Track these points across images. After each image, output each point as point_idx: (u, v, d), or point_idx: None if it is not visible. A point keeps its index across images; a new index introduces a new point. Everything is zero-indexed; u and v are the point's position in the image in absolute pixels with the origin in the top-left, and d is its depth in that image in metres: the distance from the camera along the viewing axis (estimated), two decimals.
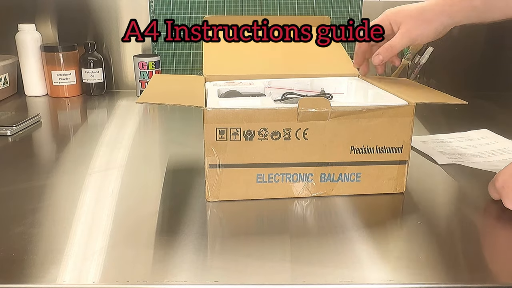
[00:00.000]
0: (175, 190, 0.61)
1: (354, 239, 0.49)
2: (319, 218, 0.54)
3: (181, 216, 0.53)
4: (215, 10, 1.16)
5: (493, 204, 0.58)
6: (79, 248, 0.47)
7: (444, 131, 0.87)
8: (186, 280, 0.42)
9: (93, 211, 0.55)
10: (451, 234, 0.51)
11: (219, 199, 0.57)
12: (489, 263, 0.46)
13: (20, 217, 0.53)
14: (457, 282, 0.42)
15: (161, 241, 0.48)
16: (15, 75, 1.15)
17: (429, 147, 0.78)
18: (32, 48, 1.11)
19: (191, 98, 0.58)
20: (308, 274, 0.43)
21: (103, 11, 1.16)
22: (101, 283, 0.41)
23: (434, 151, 0.76)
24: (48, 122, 0.93)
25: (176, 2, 1.15)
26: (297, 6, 1.17)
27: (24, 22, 1.10)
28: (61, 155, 0.75)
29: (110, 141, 0.81)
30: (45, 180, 0.64)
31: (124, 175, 0.66)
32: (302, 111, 0.54)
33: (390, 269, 0.44)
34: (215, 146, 0.55)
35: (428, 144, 0.79)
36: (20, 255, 0.45)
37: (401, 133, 0.58)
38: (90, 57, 1.13)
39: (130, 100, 1.12)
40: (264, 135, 0.55)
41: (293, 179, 0.58)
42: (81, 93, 1.16)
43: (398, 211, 0.58)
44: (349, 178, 0.59)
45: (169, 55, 1.19)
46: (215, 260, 0.45)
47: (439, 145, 0.79)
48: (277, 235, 0.50)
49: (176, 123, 0.94)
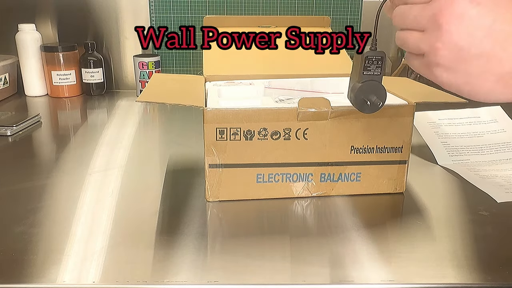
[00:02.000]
0: (175, 190, 0.61)
1: (354, 239, 0.49)
2: (319, 218, 0.54)
3: (181, 216, 0.53)
4: (215, 10, 1.16)
5: (493, 204, 0.58)
6: (79, 248, 0.47)
7: (457, 105, 0.84)
8: (186, 280, 0.42)
9: (93, 211, 0.55)
10: (451, 234, 0.51)
11: (219, 199, 0.57)
12: (489, 262, 0.46)
13: (20, 217, 0.53)
14: (458, 281, 0.42)
15: (161, 241, 0.48)
16: (15, 75, 1.15)
17: (434, 134, 0.77)
18: (32, 48, 1.11)
19: (191, 97, 0.58)
20: (308, 274, 0.43)
21: (103, 11, 1.15)
22: (101, 283, 0.41)
23: (437, 145, 0.75)
24: (48, 122, 0.93)
25: (176, 2, 1.15)
26: (297, 6, 1.17)
27: (24, 22, 1.10)
28: (61, 155, 0.75)
29: (110, 141, 0.81)
30: (45, 180, 0.64)
31: (124, 175, 0.66)
32: (302, 111, 0.54)
33: (390, 269, 0.44)
34: (215, 146, 0.55)
35: (434, 128, 0.78)
36: (20, 255, 0.45)
37: (401, 133, 0.58)
38: (90, 57, 1.13)
39: (130, 100, 1.12)
40: (264, 135, 0.55)
41: (293, 179, 0.58)
42: (81, 93, 1.16)
43: (398, 211, 0.58)
44: (349, 178, 0.59)
45: (169, 55, 1.19)
46: (215, 260, 0.45)
47: (444, 132, 0.78)
48: (277, 235, 0.50)
49: (176, 123, 0.94)
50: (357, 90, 0.47)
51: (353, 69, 0.50)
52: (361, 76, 0.47)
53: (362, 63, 0.47)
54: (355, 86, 0.48)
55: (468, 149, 0.75)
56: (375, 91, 0.48)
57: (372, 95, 0.47)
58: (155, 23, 1.16)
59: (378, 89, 0.48)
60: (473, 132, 0.79)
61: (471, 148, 0.75)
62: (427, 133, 0.78)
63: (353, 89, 0.48)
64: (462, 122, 0.81)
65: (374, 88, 0.48)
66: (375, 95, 0.48)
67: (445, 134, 0.77)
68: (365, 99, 0.47)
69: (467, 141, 0.77)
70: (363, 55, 0.47)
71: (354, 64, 0.49)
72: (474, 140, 0.77)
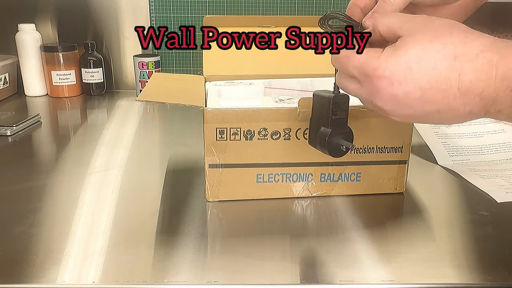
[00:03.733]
0: (175, 190, 0.61)
1: (354, 239, 0.49)
2: (319, 218, 0.54)
3: (181, 216, 0.53)
4: (215, 10, 1.16)
5: (494, 203, 0.58)
6: (79, 248, 0.47)
7: None
8: (186, 280, 0.42)
9: (93, 211, 0.55)
10: (451, 234, 0.51)
11: (219, 199, 0.57)
12: (489, 262, 0.46)
13: (20, 217, 0.53)
14: (458, 281, 0.42)
15: (161, 241, 0.48)
16: (15, 75, 1.15)
17: (434, 134, 0.77)
18: (32, 48, 1.11)
19: (191, 97, 0.58)
20: (308, 274, 0.43)
21: (103, 11, 1.15)
22: (101, 283, 0.41)
23: (437, 145, 0.75)
24: (48, 122, 0.93)
25: (176, 2, 1.15)
26: (297, 6, 1.17)
27: (24, 22, 1.10)
28: (61, 155, 0.75)
29: (110, 141, 0.81)
30: (45, 180, 0.64)
31: (124, 175, 0.66)
32: (302, 111, 0.54)
33: (390, 269, 0.44)
34: (215, 146, 0.54)
35: (434, 128, 0.78)
36: (20, 255, 0.45)
37: (401, 133, 0.58)
38: (90, 57, 1.13)
39: (130, 100, 1.12)
40: (264, 135, 0.55)
41: (293, 179, 0.58)
42: (81, 93, 1.16)
43: (398, 211, 0.58)
44: (349, 178, 0.59)
45: (169, 55, 1.19)
46: (215, 260, 0.45)
47: (444, 132, 0.77)
48: (277, 235, 0.50)
49: (176, 123, 0.94)
50: (329, 136, 0.47)
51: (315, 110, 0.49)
52: (331, 121, 0.47)
53: (330, 108, 0.46)
54: (325, 131, 0.47)
55: (468, 149, 0.75)
56: (345, 135, 0.48)
57: (344, 140, 0.47)
58: (155, 23, 1.16)
59: (347, 133, 0.48)
60: (473, 132, 0.79)
61: (471, 148, 0.75)
62: (427, 133, 0.78)
63: (322, 134, 0.48)
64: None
65: (344, 132, 0.48)
66: (346, 139, 0.48)
67: (445, 134, 0.78)
68: (340, 145, 0.47)
69: (467, 141, 0.77)
70: (331, 100, 0.46)
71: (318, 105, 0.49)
72: (474, 140, 0.77)
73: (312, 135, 0.50)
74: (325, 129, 0.47)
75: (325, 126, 0.47)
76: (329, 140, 0.47)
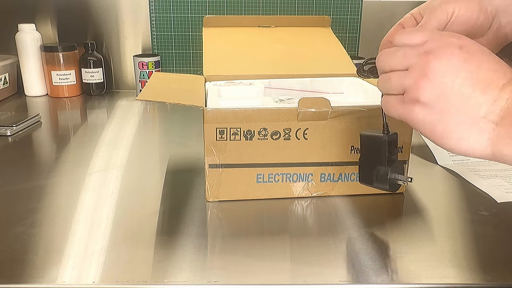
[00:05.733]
0: (175, 190, 0.61)
1: (354, 239, 0.49)
2: (319, 218, 0.54)
3: (181, 216, 0.53)
4: (215, 10, 1.16)
5: (493, 204, 0.58)
6: (79, 248, 0.47)
7: None
8: (186, 280, 0.42)
9: (93, 211, 0.55)
10: (451, 234, 0.51)
11: (219, 199, 0.57)
12: (489, 262, 0.46)
13: (20, 217, 0.53)
14: (458, 281, 0.42)
15: (161, 241, 0.48)
16: (15, 75, 1.15)
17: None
18: (32, 48, 1.11)
19: (191, 97, 0.58)
20: (308, 274, 0.43)
21: (103, 11, 1.15)
22: (101, 283, 0.41)
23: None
24: (48, 122, 0.93)
25: (176, 2, 1.15)
26: (297, 6, 1.17)
27: (24, 22, 1.10)
28: (61, 155, 0.75)
29: (110, 141, 0.81)
30: (45, 180, 0.64)
31: (124, 175, 0.66)
32: (302, 111, 0.54)
33: (390, 269, 0.44)
34: (215, 146, 0.54)
35: None
36: (20, 255, 0.45)
37: (401, 133, 0.57)
38: (90, 57, 1.13)
39: (130, 100, 1.12)
40: (264, 135, 0.55)
41: (293, 179, 0.58)
42: (81, 93, 1.16)
43: (398, 211, 0.58)
44: (349, 178, 0.59)
45: (169, 55, 1.19)
46: (215, 260, 0.45)
47: None
48: (277, 235, 0.50)
49: (176, 123, 0.94)
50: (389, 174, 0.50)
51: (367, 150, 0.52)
52: (388, 160, 0.49)
53: (386, 148, 0.49)
54: (384, 170, 0.50)
55: None
56: (400, 169, 0.51)
57: (402, 176, 0.50)
58: (155, 23, 1.16)
59: (401, 167, 0.52)
60: None
61: None
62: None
63: (382, 173, 0.50)
64: None
65: (399, 167, 0.51)
66: (400, 173, 0.50)
67: None
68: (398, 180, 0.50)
69: None
70: (387, 140, 0.49)
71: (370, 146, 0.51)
72: None
73: (366, 173, 0.52)
74: (383, 168, 0.50)
75: (382, 165, 0.50)
76: (389, 178, 0.50)
